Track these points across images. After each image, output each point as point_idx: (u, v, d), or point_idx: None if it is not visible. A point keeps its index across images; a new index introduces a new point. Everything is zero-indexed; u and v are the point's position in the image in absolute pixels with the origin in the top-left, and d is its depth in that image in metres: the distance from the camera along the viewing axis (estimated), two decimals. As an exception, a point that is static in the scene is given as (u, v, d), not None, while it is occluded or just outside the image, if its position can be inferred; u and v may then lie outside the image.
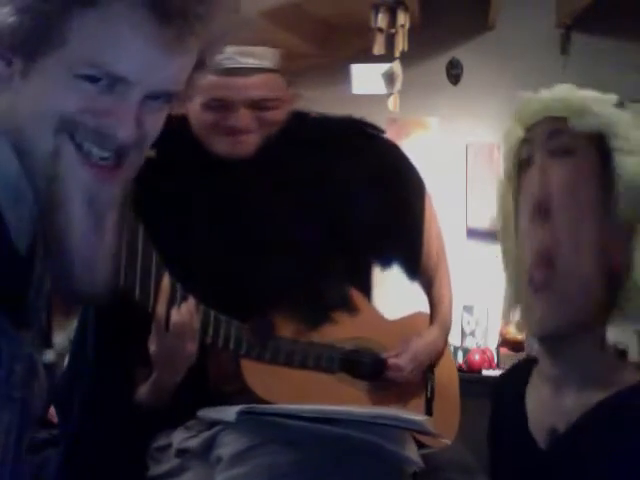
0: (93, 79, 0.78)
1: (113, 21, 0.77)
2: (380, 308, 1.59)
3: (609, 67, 3.57)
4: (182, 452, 1.25)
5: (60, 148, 0.79)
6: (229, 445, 1.11)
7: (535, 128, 1.00)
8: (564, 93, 0.99)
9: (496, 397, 1.18)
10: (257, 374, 1.35)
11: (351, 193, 1.48)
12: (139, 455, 1.33)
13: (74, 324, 1.50)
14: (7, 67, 0.80)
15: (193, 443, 1.23)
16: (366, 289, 1.55)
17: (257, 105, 1.40)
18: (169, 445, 1.29)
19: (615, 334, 0.96)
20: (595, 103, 0.97)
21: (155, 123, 0.85)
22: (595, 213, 0.95)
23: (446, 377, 1.62)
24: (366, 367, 1.48)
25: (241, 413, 1.07)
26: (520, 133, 1.02)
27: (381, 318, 1.57)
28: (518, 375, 1.12)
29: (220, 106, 1.39)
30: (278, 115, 1.43)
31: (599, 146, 0.95)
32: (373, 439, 1.05)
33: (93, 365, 1.36)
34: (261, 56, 1.42)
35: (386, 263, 1.55)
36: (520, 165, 1.03)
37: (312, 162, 1.47)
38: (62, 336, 2.13)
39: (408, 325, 1.60)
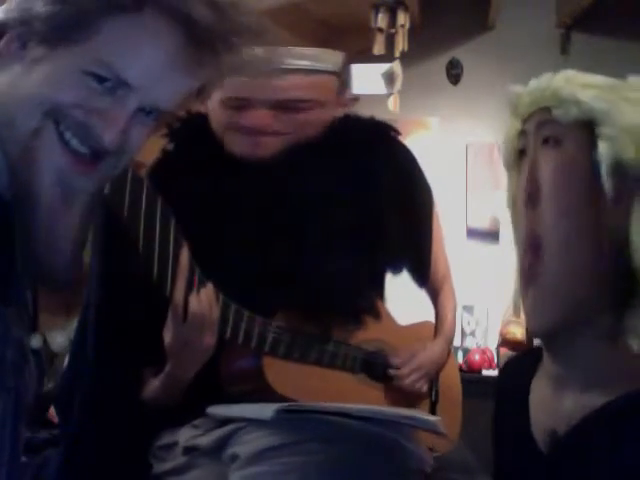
0: (101, 79, 0.81)
1: (140, 31, 0.81)
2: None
3: (609, 67, 3.55)
4: (190, 450, 1.25)
5: (42, 129, 0.81)
6: (250, 443, 1.10)
7: (529, 119, 1.01)
8: (553, 82, 0.98)
9: (500, 390, 1.15)
10: (279, 372, 1.33)
11: (373, 198, 1.47)
12: (140, 454, 1.33)
13: (74, 324, 1.50)
14: (21, 49, 0.83)
15: (203, 441, 1.22)
16: (382, 293, 1.55)
17: (285, 106, 1.38)
18: (174, 443, 1.28)
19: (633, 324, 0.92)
20: (583, 90, 0.95)
21: (138, 137, 0.87)
22: (584, 200, 0.93)
23: (449, 382, 1.64)
24: (379, 368, 1.49)
25: (279, 411, 1.06)
26: (517, 125, 1.03)
27: (395, 323, 1.58)
28: (523, 367, 1.09)
29: (239, 105, 1.37)
30: (312, 117, 1.41)
31: (587, 133, 0.94)
32: (404, 440, 1.06)
33: (93, 365, 1.35)
34: (309, 57, 1.40)
35: (397, 269, 1.55)
36: (518, 155, 1.03)
37: (337, 166, 1.45)
38: (62, 336, 2.14)
39: (417, 332, 1.62)
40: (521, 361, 1.17)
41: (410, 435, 1.09)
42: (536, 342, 3.14)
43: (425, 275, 1.61)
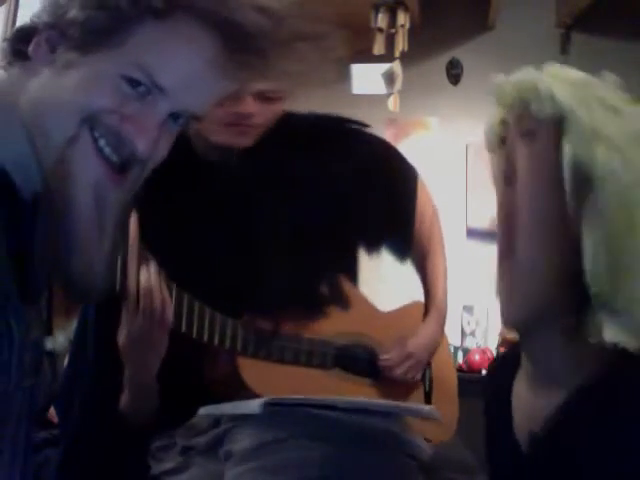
0: (135, 83, 0.81)
1: (175, 35, 0.81)
2: (375, 299, 1.58)
3: (609, 67, 3.56)
4: (187, 449, 1.25)
5: (78, 137, 0.80)
6: (243, 440, 1.10)
7: (511, 110, 1.02)
8: (535, 75, 0.99)
9: (486, 390, 1.16)
10: (254, 371, 1.34)
11: (338, 184, 1.47)
12: (139, 455, 1.33)
13: (74, 324, 1.50)
14: (50, 53, 0.82)
15: (199, 440, 1.23)
16: (354, 276, 1.54)
17: (263, 96, 1.37)
18: (172, 444, 1.29)
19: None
20: (558, 86, 0.95)
21: (165, 145, 0.87)
22: (551, 198, 0.94)
23: (443, 368, 1.61)
24: (362, 364, 1.48)
25: (266, 405, 1.06)
26: (500, 113, 1.03)
27: (375, 311, 1.56)
28: (506, 366, 1.10)
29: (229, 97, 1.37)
30: (279, 109, 1.41)
31: (559, 130, 0.94)
32: (395, 429, 1.05)
33: (93, 365, 1.35)
34: None
35: (373, 249, 1.54)
36: (498, 144, 1.05)
37: (298, 158, 1.45)
38: (62, 336, 2.13)
39: (404, 318, 1.59)
40: (504, 360, 1.17)
41: (403, 424, 1.09)
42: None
43: (406, 248, 1.59)
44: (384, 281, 1.60)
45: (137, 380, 1.27)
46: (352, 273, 1.54)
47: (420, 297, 1.63)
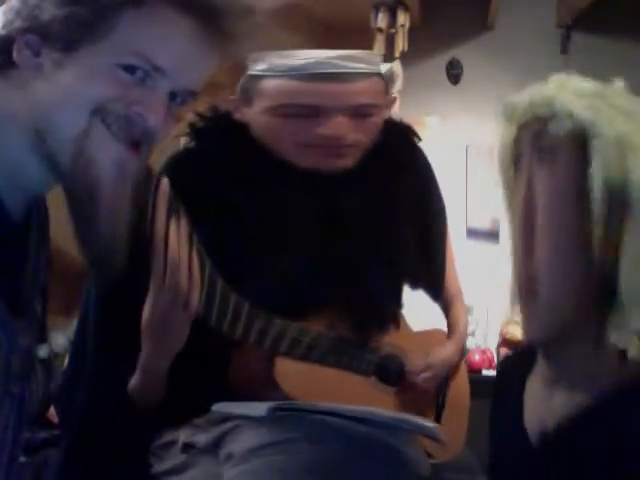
0: (132, 69, 0.83)
1: (160, 20, 0.84)
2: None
3: (609, 67, 3.57)
4: (188, 447, 1.24)
5: (91, 128, 0.83)
6: (244, 441, 1.10)
7: (525, 128, 1.01)
8: (547, 91, 0.98)
9: (497, 386, 1.17)
10: (290, 373, 1.31)
11: (407, 209, 1.47)
12: (140, 454, 1.32)
13: (74, 324, 1.50)
14: (34, 57, 0.83)
15: (201, 439, 1.22)
16: (401, 304, 1.55)
17: (358, 112, 1.34)
18: (173, 442, 1.28)
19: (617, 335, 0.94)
20: (575, 100, 0.95)
21: (169, 122, 0.89)
22: (574, 214, 0.94)
23: (458, 389, 1.62)
24: (394, 374, 1.48)
25: (273, 409, 1.06)
26: (513, 131, 1.03)
27: (409, 329, 1.57)
28: (520, 364, 1.12)
29: (307, 114, 1.31)
30: (378, 123, 1.38)
31: (581, 146, 0.94)
32: (398, 443, 1.05)
33: (93, 365, 1.35)
34: (363, 60, 1.36)
35: (415, 284, 1.54)
36: (513, 163, 1.04)
37: (401, 175, 1.44)
38: (62, 336, 2.14)
39: (430, 338, 1.61)
40: (517, 359, 1.20)
41: (407, 438, 1.09)
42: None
43: (439, 290, 1.60)
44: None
45: (151, 364, 1.22)
46: (402, 295, 1.55)
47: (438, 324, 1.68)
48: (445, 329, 1.65)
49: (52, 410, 1.81)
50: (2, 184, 0.82)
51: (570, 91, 0.97)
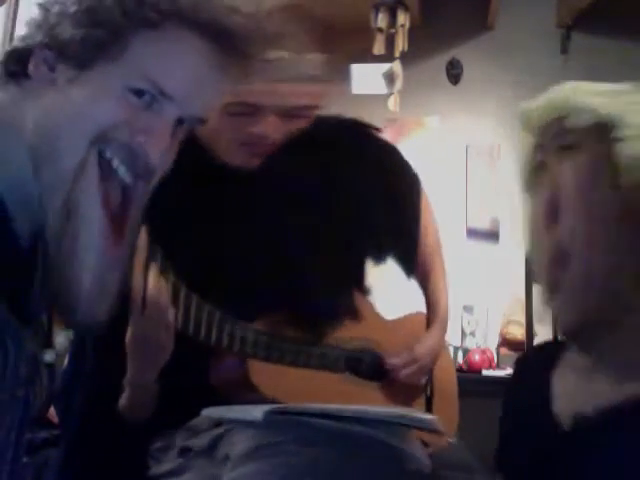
0: (140, 93, 0.82)
1: (173, 45, 0.83)
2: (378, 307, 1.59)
3: (609, 67, 3.58)
4: (185, 451, 1.25)
5: (87, 163, 0.81)
6: (239, 444, 1.11)
7: (543, 132, 1.01)
8: (561, 93, 0.99)
9: (518, 376, 1.17)
10: (265, 374, 1.34)
11: (351, 194, 1.48)
12: (139, 455, 1.33)
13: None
14: (49, 72, 0.83)
15: (197, 442, 1.23)
16: (363, 287, 1.55)
17: (289, 113, 1.34)
18: (171, 445, 1.29)
19: None
20: (592, 97, 0.96)
21: (174, 149, 0.88)
22: (606, 206, 0.94)
23: (445, 376, 1.62)
24: (369, 367, 1.49)
25: (270, 413, 1.06)
26: (531, 139, 1.03)
27: (381, 318, 1.57)
28: (542, 359, 1.12)
29: (248, 112, 1.31)
30: (304, 124, 1.38)
31: (604, 138, 0.95)
32: (392, 440, 1.05)
33: (93, 365, 1.35)
34: (305, 63, 1.35)
35: (381, 259, 1.55)
36: (535, 171, 1.04)
37: (314, 167, 1.44)
38: (62, 336, 2.13)
39: (407, 326, 1.60)
40: (539, 354, 1.20)
41: (404, 435, 1.09)
42: (535, 341, 3.13)
43: (411, 263, 1.60)
44: (386, 290, 1.60)
45: (138, 380, 1.27)
46: (362, 282, 1.54)
47: (420, 308, 1.66)
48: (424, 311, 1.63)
49: (52, 410, 1.81)
50: (10, 196, 0.81)
51: (585, 91, 0.98)
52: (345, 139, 1.54)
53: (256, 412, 1.06)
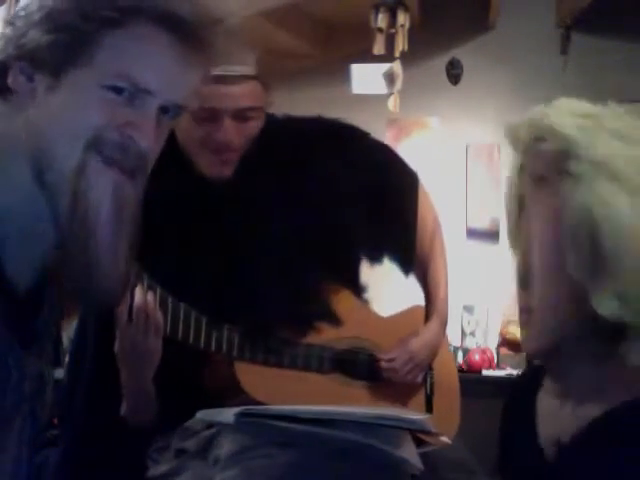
0: (118, 90, 0.83)
1: (139, 39, 0.85)
2: (376, 303, 1.58)
3: (609, 67, 3.57)
4: (180, 452, 1.25)
5: (85, 165, 0.82)
6: (225, 446, 1.11)
7: (524, 152, 0.99)
8: (543, 110, 0.95)
9: (509, 402, 1.17)
10: (251, 376, 1.35)
11: (335, 193, 1.46)
12: (138, 456, 1.33)
13: (74, 324, 1.50)
14: (28, 82, 0.84)
15: (191, 443, 1.23)
16: (356, 285, 1.54)
17: (241, 115, 1.32)
18: (168, 446, 1.29)
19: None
20: (563, 119, 0.91)
21: (162, 137, 0.90)
22: (557, 243, 0.92)
23: (445, 372, 1.60)
24: (361, 367, 1.47)
25: (240, 415, 1.07)
26: (519, 159, 1.00)
27: (374, 315, 1.55)
28: (528, 383, 1.12)
29: (207, 118, 1.31)
30: (258, 126, 1.36)
31: (563, 170, 0.90)
32: (371, 441, 1.04)
33: (93, 365, 1.35)
34: (244, 61, 1.33)
35: (376, 258, 1.54)
36: (517, 209, 1.03)
37: (296, 166, 1.43)
38: (62, 336, 2.13)
39: (404, 321, 1.58)
40: (526, 377, 1.21)
41: (391, 437, 1.07)
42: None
43: (409, 262, 1.58)
44: (386, 284, 1.59)
45: (132, 386, 1.28)
46: (352, 282, 1.53)
47: (420, 301, 1.63)
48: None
49: (52, 410, 1.81)
50: (7, 229, 0.82)
51: (562, 110, 0.94)
52: (330, 137, 1.52)
53: (228, 415, 1.07)
